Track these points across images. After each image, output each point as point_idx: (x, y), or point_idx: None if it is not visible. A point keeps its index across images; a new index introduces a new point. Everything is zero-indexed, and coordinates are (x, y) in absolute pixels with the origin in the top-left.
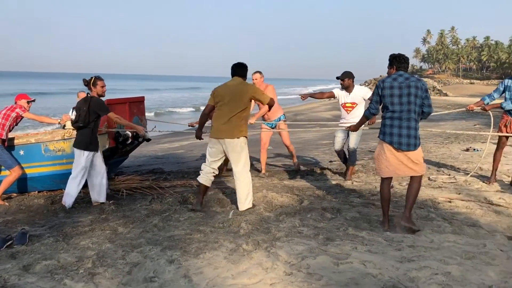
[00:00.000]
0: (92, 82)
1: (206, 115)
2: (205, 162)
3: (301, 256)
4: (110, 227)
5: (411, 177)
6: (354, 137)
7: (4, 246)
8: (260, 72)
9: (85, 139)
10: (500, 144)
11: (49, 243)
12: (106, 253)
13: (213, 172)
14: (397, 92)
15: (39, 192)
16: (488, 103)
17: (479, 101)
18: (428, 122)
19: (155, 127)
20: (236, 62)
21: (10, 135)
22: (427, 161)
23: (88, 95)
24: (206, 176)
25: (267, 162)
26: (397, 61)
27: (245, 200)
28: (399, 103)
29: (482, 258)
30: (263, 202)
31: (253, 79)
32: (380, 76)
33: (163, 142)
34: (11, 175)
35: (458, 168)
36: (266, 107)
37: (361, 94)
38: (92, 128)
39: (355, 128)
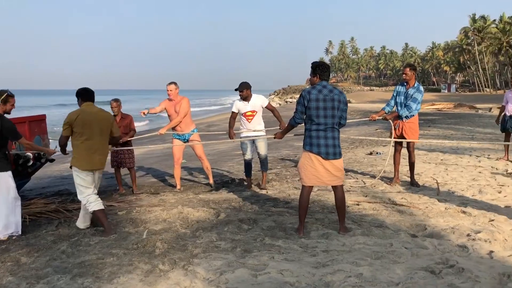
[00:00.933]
0: (3, 98)
1: None
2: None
3: (220, 271)
4: (11, 258)
5: (335, 188)
6: (262, 145)
7: None
8: (175, 83)
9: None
10: (397, 147)
11: None
12: None
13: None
14: (322, 104)
15: None
16: (388, 111)
17: (380, 111)
18: None
19: (56, 147)
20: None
21: None
22: None
23: None
24: (97, 201)
25: (181, 176)
26: (320, 70)
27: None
28: (324, 115)
29: (390, 257)
30: (178, 219)
31: (167, 91)
32: (288, 86)
33: (68, 161)
34: None
35: (363, 171)
36: (178, 118)
37: (259, 102)
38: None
39: (280, 135)
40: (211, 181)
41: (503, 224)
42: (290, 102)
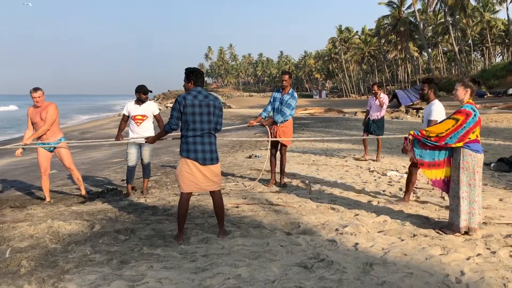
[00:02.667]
0: None
1: None
2: None
3: (94, 286)
4: None
5: (213, 193)
6: (147, 152)
7: None
8: (40, 89)
9: None
10: (272, 151)
11: None
12: None
13: None
14: (198, 110)
15: None
16: (265, 117)
17: (258, 117)
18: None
19: None
20: None
21: None
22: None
23: None
24: None
25: (51, 188)
26: (195, 76)
27: None
28: (200, 121)
29: (267, 256)
30: (48, 234)
31: (33, 98)
32: (169, 91)
33: None
34: None
35: (242, 174)
36: (46, 126)
37: (151, 108)
38: None
39: (152, 140)
40: (83, 192)
41: (365, 218)
42: (171, 107)
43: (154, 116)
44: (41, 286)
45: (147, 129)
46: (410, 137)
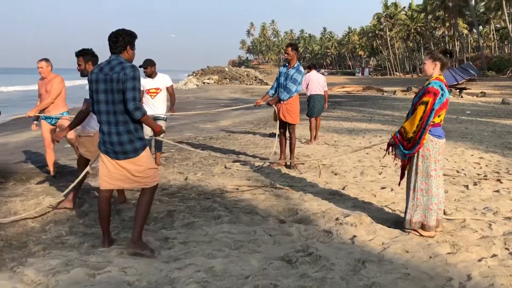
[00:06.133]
0: None
1: None
2: None
3: (53, 272)
4: None
5: (142, 189)
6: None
7: None
8: (46, 60)
9: None
10: (281, 130)
11: None
12: None
13: None
14: (102, 87)
15: None
16: (272, 95)
17: (265, 95)
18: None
19: None
20: None
21: None
22: (228, 149)
23: None
24: None
25: (65, 161)
26: (110, 40)
27: None
28: (102, 101)
29: (250, 246)
30: (33, 210)
31: (38, 68)
32: (208, 67)
33: None
34: None
35: (255, 154)
36: (49, 99)
37: (164, 81)
38: None
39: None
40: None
41: (373, 206)
42: (208, 83)
43: (167, 88)
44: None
45: (162, 101)
46: (392, 141)
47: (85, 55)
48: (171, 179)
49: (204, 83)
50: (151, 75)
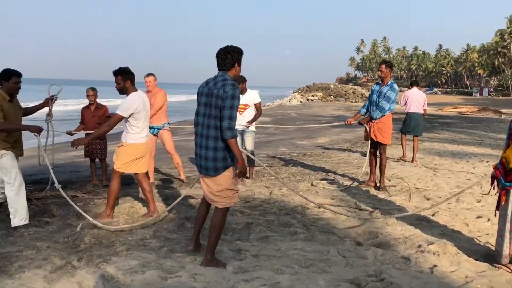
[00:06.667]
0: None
1: None
2: None
3: (131, 272)
4: None
5: (215, 208)
6: (250, 140)
7: None
8: (153, 75)
9: None
10: (370, 149)
11: None
12: None
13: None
14: (203, 100)
15: None
16: (364, 113)
17: (356, 114)
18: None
19: None
20: None
21: None
22: (319, 167)
23: None
24: None
25: (163, 169)
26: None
27: (12, 219)
28: (198, 113)
29: (320, 265)
30: (125, 213)
31: (146, 82)
32: (313, 84)
33: (71, 149)
34: None
35: (345, 173)
36: (152, 111)
37: (253, 97)
38: None
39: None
40: (182, 176)
41: (462, 236)
42: (311, 100)
43: (255, 104)
44: (87, 264)
45: (248, 117)
46: (494, 173)
47: (123, 73)
48: (256, 193)
49: (308, 99)
50: (241, 91)
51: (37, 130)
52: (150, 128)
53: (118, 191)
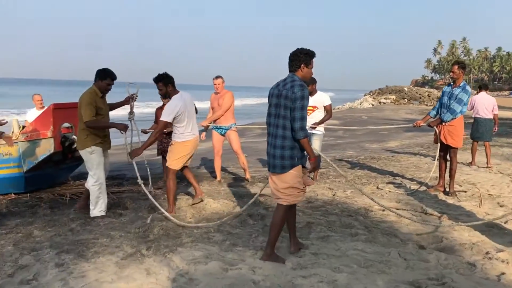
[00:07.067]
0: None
1: None
2: None
3: (194, 262)
4: (26, 230)
5: (277, 204)
6: (317, 143)
7: None
8: (221, 77)
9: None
10: (439, 152)
11: None
12: (2, 256)
13: None
14: (275, 101)
15: None
16: (434, 115)
17: (426, 116)
18: (418, 132)
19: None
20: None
21: None
22: (387, 170)
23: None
24: None
25: (230, 169)
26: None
27: (92, 210)
28: (269, 114)
29: (379, 266)
30: (192, 208)
31: (214, 84)
32: (386, 86)
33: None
34: None
35: (414, 177)
36: (220, 112)
37: (322, 99)
38: None
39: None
40: (247, 176)
41: None
42: (384, 103)
43: (324, 107)
44: (155, 253)
45: (316, 119)
46: None
47: (163, 79)
48: (319, 194)
49: (380, 102)
50: (311, 92)
51: (123, 127)
52: (218, 128)
53: (175, 188)
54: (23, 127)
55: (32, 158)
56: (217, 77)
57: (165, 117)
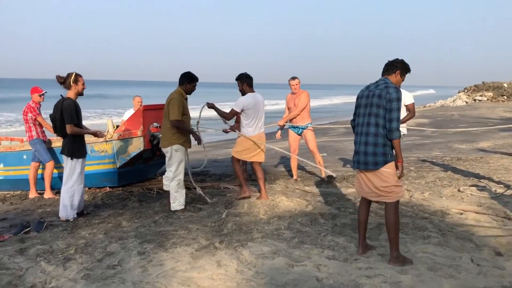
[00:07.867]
0: (72, 79)
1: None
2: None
3: (262, 257)
4: (116, 221)
5: (385, 205)
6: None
7: (22, 232)
8: (297, 78)
9: (70, 146)
10: None
11: (57, 231)
12: (94, 243)
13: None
14: (364, 101)
15: (89, 188)
16: None
17: None
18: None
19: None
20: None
21: None
22: (472, 172)
23: (62, 97)
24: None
25: (308, 168)
26: (386, 65)
27: (172, 203)
28: (359, 114)
29: (448, 271)
30: (265, 205)
31: (291, 85)
32: (483, 82)
33: (230, 146)
34: (46, 169)
35: (503, 180)
36: (296, 111)
37: (403, 98)
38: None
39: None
40: (322, 175)
41: None
42: (479, 100)
43: (406, 106)
44: (227, 246)
45: None
46: None
47: (241, 78)
48: None
49: (474, 100)
50: None
51: (200, 140)
52: (294, 127)
53: (241, 171)
54: (117, 126)
55: (125, 155)
56: (294, 78)
57: (235, 107)
